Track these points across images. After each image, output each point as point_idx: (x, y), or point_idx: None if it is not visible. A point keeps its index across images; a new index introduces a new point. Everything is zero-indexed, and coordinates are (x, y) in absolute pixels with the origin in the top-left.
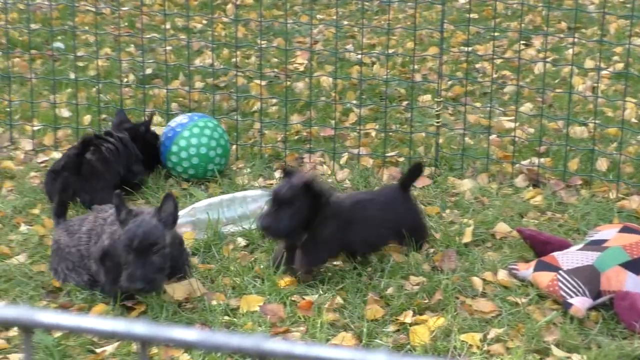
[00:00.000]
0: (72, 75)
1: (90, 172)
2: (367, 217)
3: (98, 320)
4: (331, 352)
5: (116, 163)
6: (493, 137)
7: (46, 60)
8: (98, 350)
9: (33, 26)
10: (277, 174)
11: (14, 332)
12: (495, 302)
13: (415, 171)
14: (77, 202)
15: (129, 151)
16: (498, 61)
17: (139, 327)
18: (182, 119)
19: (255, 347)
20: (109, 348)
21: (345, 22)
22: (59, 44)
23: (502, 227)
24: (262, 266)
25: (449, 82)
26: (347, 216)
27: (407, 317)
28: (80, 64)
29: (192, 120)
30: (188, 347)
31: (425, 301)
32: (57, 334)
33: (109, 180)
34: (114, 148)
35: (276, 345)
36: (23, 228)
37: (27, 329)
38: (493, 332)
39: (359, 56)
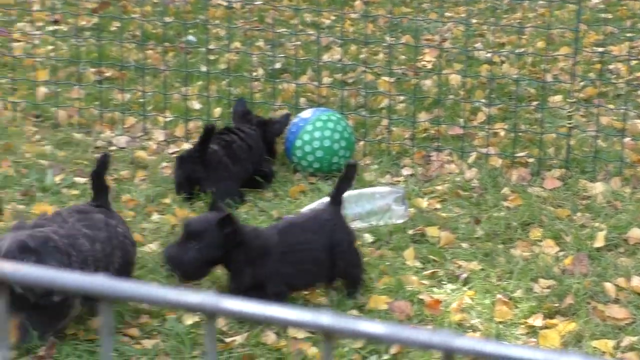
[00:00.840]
0: (204, 68)
1: (217, 162)
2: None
3: (284, 309)
4: (523, 352)
5: (246, 161)
6: (627, 140)
7: (178, 53)
8: (227, 340)
9: (166, 19)
10: (404, 171)
11: (146, 319)
12: (629, 309)
13: (348, 174)
14: (199, 191)
15: (260, 149)
16: (633, 62)
17: (325, 318)
18: (305, 113)
19: (444, 343)
20: (238, 338)
21: (474, 20)
22: (191, 37)
23: (636, 233)
24: (388, 263)
25: (581, 83)
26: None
27: (537, 321)
28: (211, 57)
29: (315, 115)
30: (374, 340)
31: (556, 305)
32: (189, 322)
33: (235, 175)
34: (246, 146)
35: (466, 342)
36: (155, 217)
37: (212, 315)
38: (627, 340)
39: (489, 54)
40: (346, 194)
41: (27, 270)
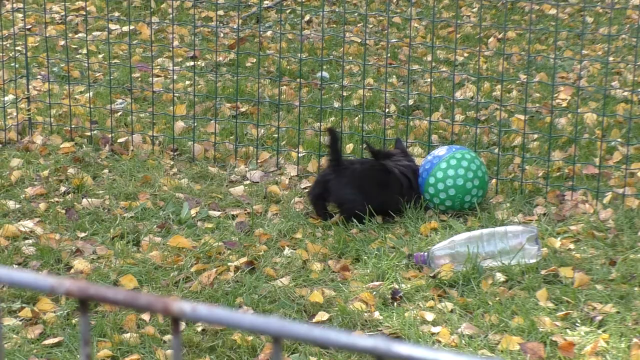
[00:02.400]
0: (336, 104)
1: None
2: None
3: (453, 355)
4: None
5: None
6: None
7: (312, 89)
8: None
9: (301, 55)
10: (537, 210)
11: None
12: None
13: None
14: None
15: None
16: None
17: None
18: (439, 151)
19: None
20: None
21: (612, 58)
22: (324, 74)
23: None
24: (520, 303)
25: None
26: None
27: None
28: (345, 93)
29: (450, 152)
30: None
31: None
32: (314, 359)
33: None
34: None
35: None
36: (287, 251)
37: (382, 358)
38: None
39: (626, 93)
40: (477, 232)
41: (204, 309)
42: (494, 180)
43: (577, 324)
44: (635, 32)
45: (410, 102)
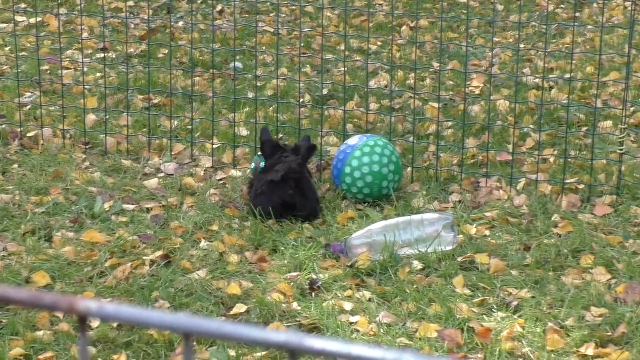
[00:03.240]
0: (251, 95)
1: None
2: None
3: (367, 348)
4: None
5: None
6: None
7: (226, 79)
8: None
9: (213, 46)
10: (453, 198)
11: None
12: None
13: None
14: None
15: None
16: None
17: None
18: (352, 140)
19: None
20: None
21: (522, 46)
22: (238, 64)
23: None
24: (437, 291)
25: (632, 109)
26: None
27: (589, 350)
28: (259, 83)
29: (362, 141)
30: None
31: (608, 334)
32: (233, 353)
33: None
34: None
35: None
36: (203, 244)
37: (295, 353)
38: None
39: (537, 80)
40: (394, 221)
41: (111, 308)
42: (409, 169)
43: (493, 310)
44: (544, 19)
45: (325, 91)
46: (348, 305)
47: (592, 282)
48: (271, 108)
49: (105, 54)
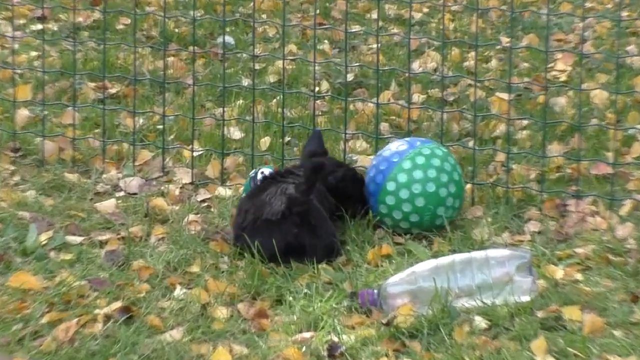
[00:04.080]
0: (246, 82)
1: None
2: None
3: None
4: None
5: None
6: None
7: (211, 60)
8: None
9: (194, 14)
10: (530, 227)
11: None
12: None
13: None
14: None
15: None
16: None
17: None
18: (399, 145)
19: None
20: None
21: (626, 14)
22: (228, 39)
23: None
24: (510, 357)
25: None
26: None
27: None
28: (257, 66)
29: (414, 147)
30: None
31: None
32: None
33: None
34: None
35: None
36: (179, 292)
37: None
38: None
39: None
40: (448, 260)
41: None
42: (469, 186)
43: None
44: None
45: (350, 77)
46: None
47: None
48: (274, 100)
49: (44, 25)
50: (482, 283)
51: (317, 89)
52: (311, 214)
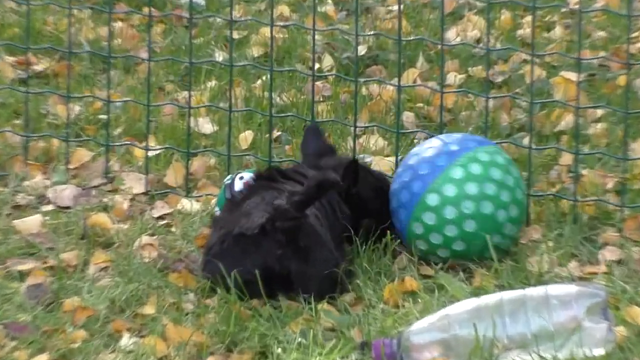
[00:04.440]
0: (218, 56)
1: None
2: None
3: None
4: None
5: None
6: None
7: (173, 26)
8: None
9: None
10: (606, 254)
11: None
12: None
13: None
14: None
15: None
16: None
17: None
18: (442, 145)
19: None
20: None
21: None
22: None
23: None
24: None
25: None
26: None
27: None
28: (235, 34)
29: (469, 149)
30: None
31: None
32: None
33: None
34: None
35: None
36: (127, 341)
37: None
38: None
39: None
40: (493, 299)
41: None
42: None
43: None
44: None
45: (362, 50)
46: None
47: None
48: (259, 81)
49: None
50: (539, 330)
51: (317, 66)
52: (302, 232)
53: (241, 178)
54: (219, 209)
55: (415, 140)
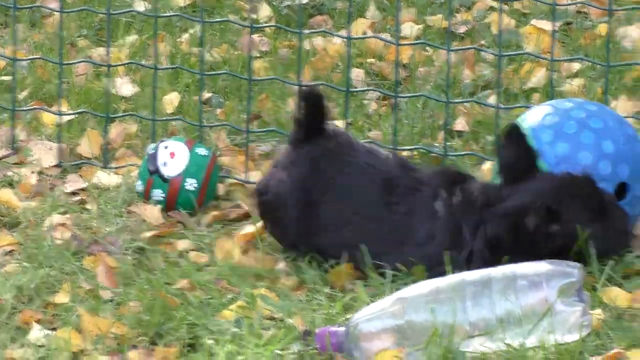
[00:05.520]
0: (141, 6)
1: None
2: None
3: None
4: None
5: None
6: None
7: None
8: None
9: None
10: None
11: None
12: None
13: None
14: None
15: None
16: None
17: None
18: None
19: None
20: None
21: None
22: None
23: None
24: None
25: None
26: None
27: None
28: None
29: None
30: None
31: None
32: None
33: None
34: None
35: None
36: (38, 333)
37: None
38: None
39: None
40: (455, 280)
41: None
42: (487, 165)
43: None
44: None
45: None
46: None
47: None
48: (186, 35)
49: None
50: (506, 315)
51: (253, 16)
52: None
53: (166, 147)
54: (142, 183)
55: (365, 101)
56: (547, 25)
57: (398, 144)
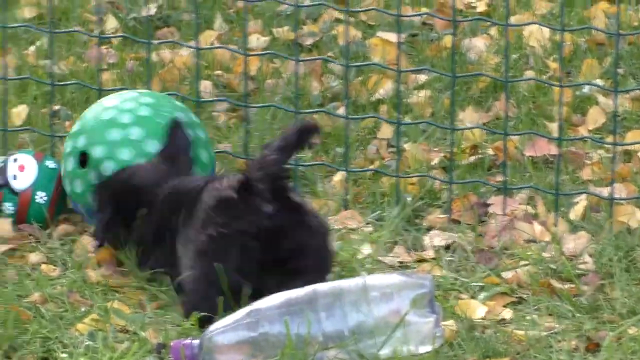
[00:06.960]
0: None
1: None
2: None
3: None
4: None
5: None
6: None
7: None
8: None
9: None
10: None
11: None
12: None
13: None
14: None
15: None
16: None
17: None
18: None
19: None
20: None
21: None
22: None
23: None
24: None
25: None
26: None
27: None
28: None
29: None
30: None
31: None
32: None
33: None
34: None
35: None
36: None
37: None
38: None
39: None
40: (307, 292)
41: None
42: (337, 177)
43: None
44: None
45: (152, 9)
46: None
47: None
48: (32, 47)
49: None
50: (358, 326)
51: (100, 29)
52: None
53: (15, 160)
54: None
55: (215, 113)
56: (392, 37)
57: (249, 155)
